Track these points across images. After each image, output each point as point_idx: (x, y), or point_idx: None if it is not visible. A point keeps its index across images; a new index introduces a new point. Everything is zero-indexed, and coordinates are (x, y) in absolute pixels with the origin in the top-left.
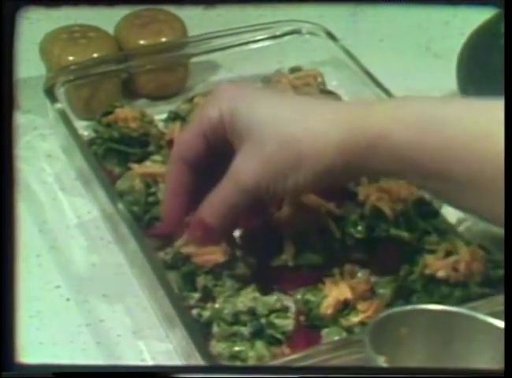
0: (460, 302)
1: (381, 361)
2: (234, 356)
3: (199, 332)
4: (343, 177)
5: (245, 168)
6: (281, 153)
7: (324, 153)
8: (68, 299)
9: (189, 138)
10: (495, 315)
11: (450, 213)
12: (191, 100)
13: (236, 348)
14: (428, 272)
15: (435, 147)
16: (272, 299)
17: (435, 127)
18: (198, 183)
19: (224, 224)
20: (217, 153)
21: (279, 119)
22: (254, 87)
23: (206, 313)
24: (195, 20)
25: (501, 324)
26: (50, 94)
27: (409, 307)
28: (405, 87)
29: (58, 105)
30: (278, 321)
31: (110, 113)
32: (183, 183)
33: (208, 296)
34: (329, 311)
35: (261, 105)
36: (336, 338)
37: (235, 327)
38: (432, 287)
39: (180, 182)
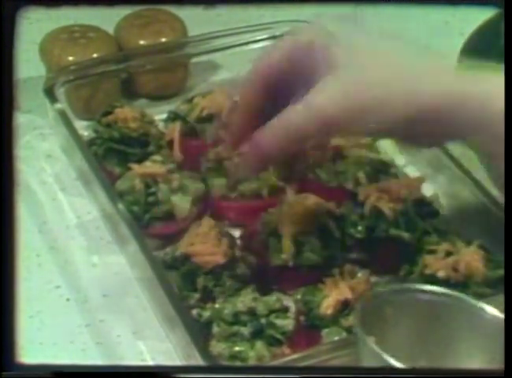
0: None
1: (371, 342)
2: (234, 356)
3: (199, 332)
4: (420, 133)
5: (322, 98)
6: (362, 96)
7: (414, 101)
8: (68, 299)
9: (271, 55)
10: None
11: (451, 213)
12: (190, 100)
13: (236, 348)
14: (428, 272)
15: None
16: (272, 299)
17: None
18: (268, 107)
19: (281, 150)
20: (296, 72)
21: (374, 55)
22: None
23: (206, 313)
24: (195, 20)
25: (487, 307)
26: (50, 94)
27: (394, 286)
28: None
29: (58, 105)
30: (278, 321)
31: (110, 113)
32: (254, 102)
33: (208, 296)
34: (329, 311)
35: (360, 40)
36: (336, 338)
37: (235, 328)
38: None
39: (252, 99)
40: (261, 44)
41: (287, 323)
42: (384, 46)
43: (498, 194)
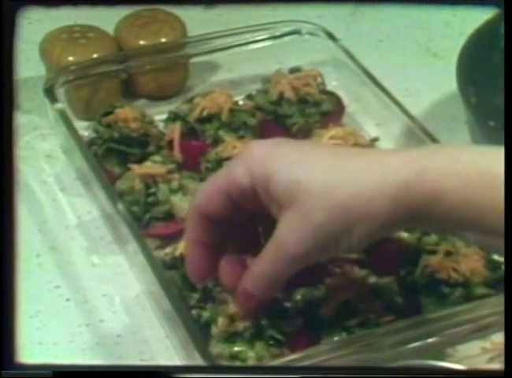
0: (460, 302)
1: None
2: (234, 356)
3: (199, 332)
4: (396, 231)
5: (293, 240)
6: (331, 222)
7: (377, 215)
8: (68, 299)
9: (210, 195)
10: (494, 315)
11: None
12: (190, 100)
13: (236, 348)
14: (428, 272)
15: (498, 203)
16: (272, 299)
17: (497, 183)
18: (219, 234)
19: (269, 293)
20: (240, 210)
21: (324, 183)
22: (287, 145)
23: (206, 314)
24: (195, 20)
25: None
26: (50, 94)
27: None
28: (405, 87)
29: (58, 105)
30: (278, 322)
31: (110, 113)
32: (202, 235)
33: (208, 296)
34: (329, 311)
35: (300, 167)
36: (336, 338)
37: (235, 328)
38: (432, 287)
39: (199, 234)
40: (261, 44)
41: (286, 323)
42: (325, 167)
43: None
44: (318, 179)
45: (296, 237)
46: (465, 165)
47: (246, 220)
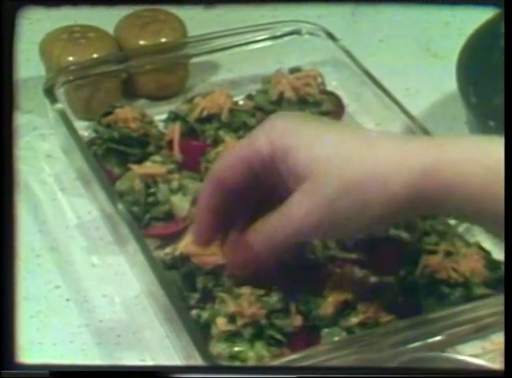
0: (460, 302)
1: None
2: (234, 356)
3: (199, 332)
4: (409, 217)
5: (303, 212)
6: (345, 200)
7: (392, 199)
8: (67, 299)
9: (231, 164)
10: (494, 315)
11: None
12: (190, 100)
13: (236, 348)
14: (428, 272)
15: None
16: (272, 299)
17: None
18: (231, 204)
19: (267, 255)
20: (258, 181)
21: (342, 160)
22: (310, 119)
23: (206, 314)
24: (195, 20)
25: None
26: (50, 94)
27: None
28: (405, 87)
29: (58, 106)
30: (278, 322)
31: (110, 113)
32: (216, 203)
33: (208, 297)
34: (329, 311)
35: (321, 143)
36: (336, 338)
37: (235, 328)
38: (432, 287)
39: (213, 201)
40: (261, 44)
41: (286, 323)
42: (345, 144)
43: None
44: (337, 157)
45: (306, 209)
46: (485, 154)
47: (261, 195)
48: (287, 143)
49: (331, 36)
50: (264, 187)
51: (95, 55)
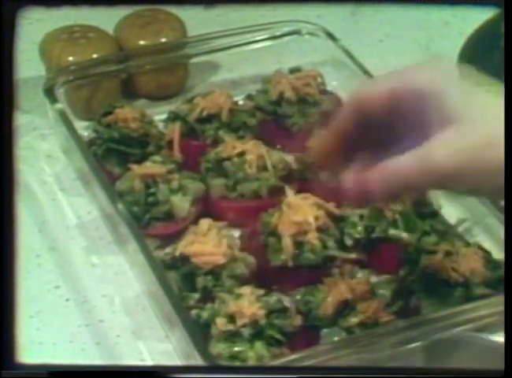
0: (460, 303)
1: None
2: (234, 356)
3: (199, 332)
4: None
5: (442, 153)
6: (487, 152)
7: None
8: (67, 299)
9: (377, 88)
10: (494, 315)
11: (450, 214)
12: (190, 100)
13: (236, 348)
14: (428, 272)
15: None
16: (272, 299)
17: None
18: (359, 135)
19: (385, 195)
20: (392, 118)
21: (495, 113)
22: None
23: (206, 314)
24: (195, 20)
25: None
26: (50, 94)
27: None
28: None
29: (58, 106)
30: (278, 322)
31: (110, 113)
32: (346, 128)
33: (207, 296)
34: (329, 312)
35: (477, 92)
36: (336, 338)
37: (235, 328)
38: (432, 287)
39: (344, 125)
40: (261, 44)
41: (286, 323)
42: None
43: None
44: (493, 107)
45: (448, 151)
46: None
47: (389, 134)
48: (443, 84)
49: (331, 36)
50: (394, 126)
51: (95, 55)
